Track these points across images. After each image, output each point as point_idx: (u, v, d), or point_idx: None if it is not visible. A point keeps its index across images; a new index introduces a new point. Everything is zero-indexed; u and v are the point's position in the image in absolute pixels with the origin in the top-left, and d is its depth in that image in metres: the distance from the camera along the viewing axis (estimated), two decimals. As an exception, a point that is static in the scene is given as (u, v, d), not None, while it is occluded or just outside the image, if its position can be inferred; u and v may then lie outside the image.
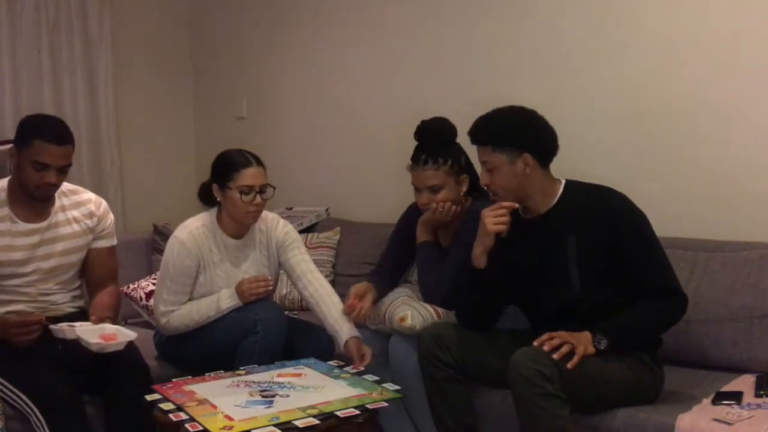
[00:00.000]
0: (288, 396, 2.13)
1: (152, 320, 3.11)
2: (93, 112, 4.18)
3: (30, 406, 2.26)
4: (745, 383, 2.24)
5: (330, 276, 3.46)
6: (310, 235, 3.65)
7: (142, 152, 4.42)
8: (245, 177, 2.56)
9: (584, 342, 2.10)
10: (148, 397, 2.16)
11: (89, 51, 4.15)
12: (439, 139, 2.63)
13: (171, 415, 2.03)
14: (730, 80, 2.60)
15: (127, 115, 4.36)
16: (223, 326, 2.59)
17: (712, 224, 2.64)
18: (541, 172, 2.27)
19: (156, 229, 3.87)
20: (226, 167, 2.59)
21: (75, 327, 2.32)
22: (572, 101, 2.92)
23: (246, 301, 2.59)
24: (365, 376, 2.30)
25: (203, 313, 2.60)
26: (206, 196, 2.68)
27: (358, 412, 2.03)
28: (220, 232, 2.65)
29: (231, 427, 1.91)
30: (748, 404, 2.05)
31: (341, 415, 1.99)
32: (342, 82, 3.83)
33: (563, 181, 2.31)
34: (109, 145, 4.24)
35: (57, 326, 2.34)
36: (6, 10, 3.86)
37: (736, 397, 2.10)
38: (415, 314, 2.50)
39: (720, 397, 2.11)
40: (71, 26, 4.07)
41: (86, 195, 2.67)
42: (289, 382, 2.24)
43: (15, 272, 2.48)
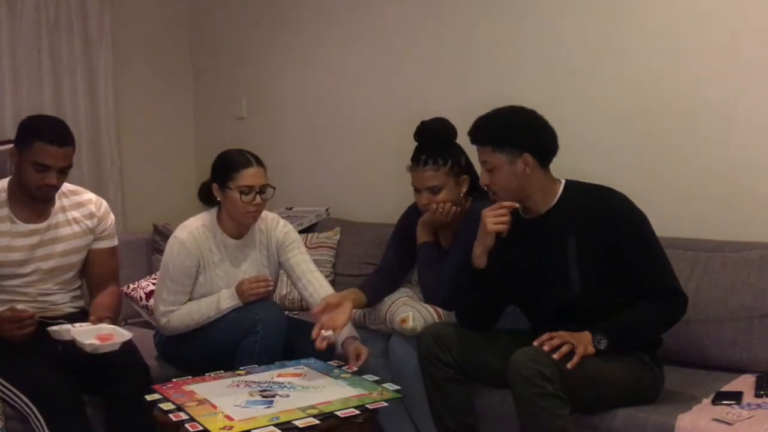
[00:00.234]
0: (288, 396, 2.12)
1: (152, 320, 3.11)
2: (93, 112, 4.18)
3: (30, 406, 2.26)
4: (745, 383, 2.24)
5: (330, 276, 3.46)
6: (310, 235, 3.64)
7: (142, 152, 4.41)
8: (245, 177, 2.56)
9: (584, 342, 2.10)
10: (148, 397, 2.16)
11: (89, 51, 4.14)
12: (439, 140, 2.62)
13: (171, 415, 2.03)
14: (730, 80, 2.60)
15: (127, 115, 4.35)
16: (223, 326, 2.59)
17: (712, 224, 2.64)
18: (541, 172, 2.27)
19: (156, 229, 3.88)
20: (227, 167, 2.59)
21: (71, 328, 2.32)
22: (572, 101, 2.92)
23: (246, 301, 2.59)
24: (365, 376, 2.29)
25: (203, 313, 2.60)
26: (206, 196, 2.68)
27: (358, 412, 2.02)
28: (220, 232, 2.65)
29: (231, 427, 1.91)
30: (748, 404, 2.05)
31: (341, 415, 1.99)
32: (342, 82, 3.83)
33: (563, 181, 2.31)
34: (109, 145, 4.24)
35: (53, 328, 2.34)
36: (6, 10, 3.86)
37: (736, 397, 2.10)
38: (417, 315, 2.49)
39: (720, 397, 2.10)
40: (71, 26, 4.07)
41: (87, 195, 2.67)
42: (289, 382, 2.24)
43: (14, 272, 2.48)
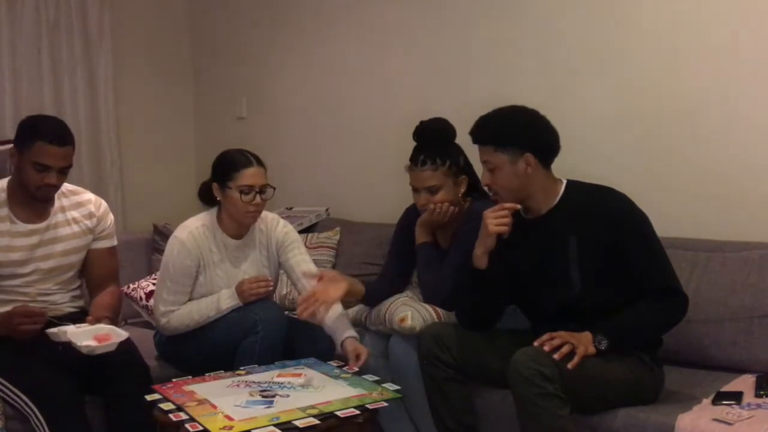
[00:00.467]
0: (288, 396, 2.12)
1: (152, 320, 3.11)
2: (93, 112, 4.18)
3: (30, 406, 2.26)
4: (745, 383, 2.24)
5: (330, 276, 3.46)
6: (310, 235, 3.64)
7: (142, 152, 4.41)
8: (245, 177, 2.56)
9: (585, 342, 2.10)
10: (148, 397, 2.16)
11: (89, 51, 4.14)
12: (438, 140, 2.62)
13: (171, 415, 2.03)
14: (730, 80, 2.60)
15: (127, 115, 4.35)
16: (223, 326, 2.59)
17: (712, 224, 2.64)
18: (542, 173, 2.27)
19: (156, 229, 3.88)
20: (227, 167, 2.59)
21: (68, 330, 2.32)
22: (572, 101, 2.91)
23: (246, 301, 2.59)
24: (365, 376, 2.30)
25: (203, 313, 2.60)
26: (206, 196, 2.68)
27: (358, 412, 2.03)
28: (220, 232, 2.65)
29: (231, 427, 1.91)
30: (748, 404, 2.05)
31: (341, 415, 1.99)
32: (342, 82, 3.83)
33: (564, 181, 2.31)
34: (109, 145, 4.24)
35: (51, 330, 2.33)
36: (6, 10, 3.86)
37: (736, 397, 2.10)
38: (416, 315, 2.49)
39: (720, 397, 2.10)
40: (71, 26, 4.07)
41: (86, 196, 2.67)
42: (289, 382, 2.24)
43: (14, 272, 2.48)
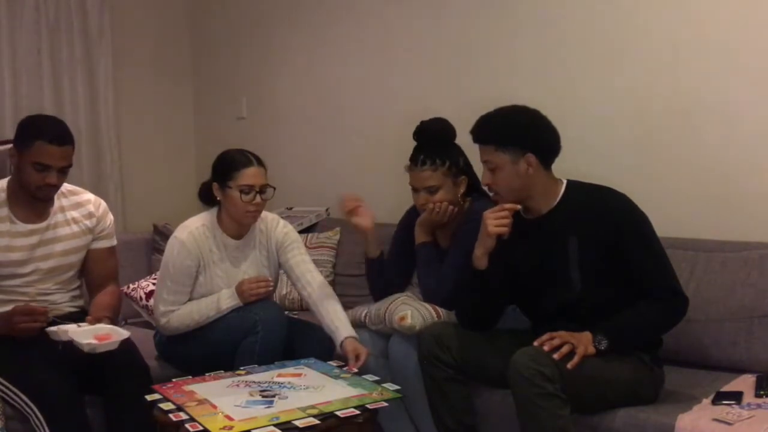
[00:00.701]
0: (288, 396, 2.12)
1: (152, 320, 3.11)
2: (93, 112, 4.17)
3: (30, 406, 2.26)
4: (745, 383, 2.24)
5: (330, 276, 3.46)
6: (310, 235, 3.64)
7: (142, 152, 4.41)
8: (246, 176, 2.56)
9: (584, 342, 2.10)
10: (148, 397, 2.16)
11: (89, 51, 4.14)
12: (438, 140, 2.62)
13: (171, 415, 2.03)
14: (730, 80, 2.60)
15: (127, 115, 4.35)
16: (223, 326, 2.59)
17: (712, 224, 2.64)
18: (543, 173, 2.26)
19: (156, 229, 3.87)
20: (227, 166, 2.59)
21: (69, 329, 2.32)
22: (572, 101, 2.91)
23: (246, 302, 2.60)
24: (365, 376, 2.30)
25: (203, 313, 2.60)
26: (206, 196, 2.68)
27: (358, 412, 2.02)
28: (220, 232, 2.65)
29: (231, 427, 1.91)
30: (748, 404, 2.05)
31: (341, 415, 1.99)
32: (342, 82, 3.83)
33: (565, 182, 2.31)
34: (109, 145, 4.23)
35: (51, 328, 2.34)
36: (6, 10, 3.86)
37: (736, 397, 2.10)
38: (415, 314, 2.49)
39: (720, 397, 2.10)
40: (71, 26, 4.07)
41: (86, 196, 2.67)
42: (289, 382, 2.24)
43: (14, 272, 2.48)
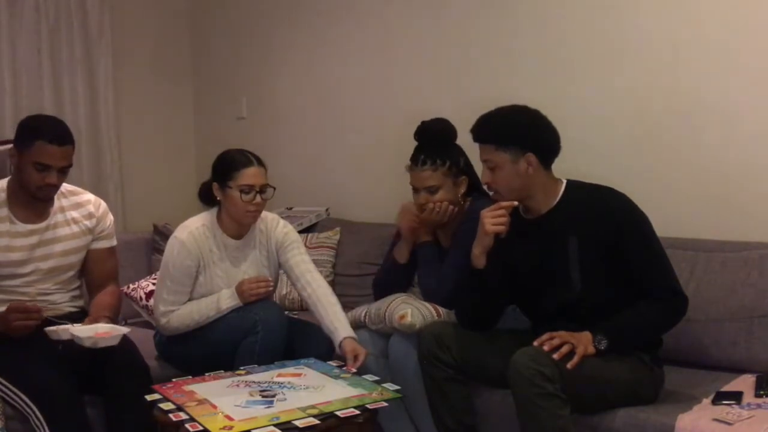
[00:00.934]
0: (288, 396, 2.12)
1: (152, 320, 3.11)
2: (93, 112, 4.17)
3: (30, 406, 2.26)
4: (745, 383, 2.24)
5: (330, 276, 3.46)
6: (310, 235, 3.64)
7: (142, 152, 4.41)
8: (246, 176, 2.56)
9: (584, 342, 2.10)
10: (148, 397, 2.16)
11: (89, 51, 4.14)
12: (439, 140, 2.63)
13: (171, 415, 2.02)
14: (730, 80, 2.60)
15: (127, 114, 4.35)
16: (223, 326, 2.59)
17: (712, 224, 2.64)
18: (543, 173, 2.26)
19: (156, 229, 3.87)
20: (227, 166, 2.59)
21: (69, 327, 2.32)
22: (572, 101, 2.91)
23: (246, 302, 2.60)
24: (365, 376, 2.29)
25: (203, 313, 2.60)
26: (206, 196, 2.68)
27: (358, 412, 2.02)
28: (220, 232, 2.65)
29: (231, 427, 1.90)
30: (748, 404, 2.05)
31: (341, 415, 1.99)
32: (342, 83, 3.83)
33: (564, 181, 2.31)
34: (109, 145, 4.23)
35: (51, 328, 2.34)
36: (6, 10, 3.86)
37: (736, 397, 2.10)
38: (415, 312, 2.49)
39: (720, 397, 2.10)
40: (71, 26, 4.07)
41: (86, 196, 2.67)
42: (289, 382, 2.24)
43: (14, 272, 2.48)
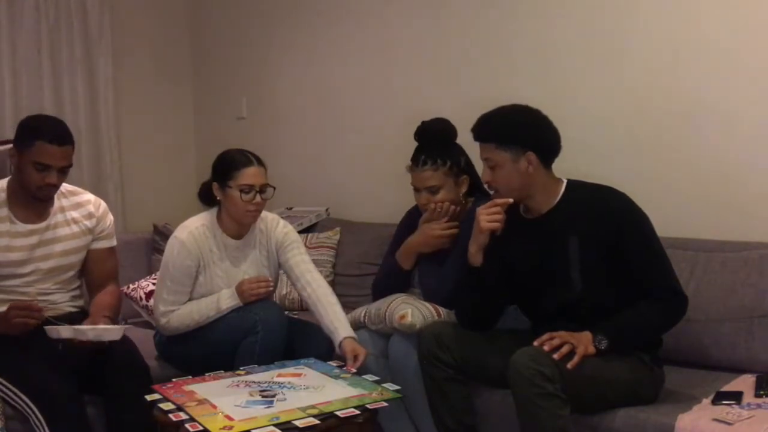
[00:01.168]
0: (288, 396, 2.12)
1: (152, 320, 3.11)
2: (93, 112, 4.17)
3: (30, 406, 2.26)
4: (745, 383, 2.24)
5: (330, 276, 3.46)
6: (310, 235, 3.64)
7: (142, 152, 4.41)
8: (246, 176, 2.56)
9: (584, 342, 2.10)
10: (148, 397, 2.16)
11: (89, 51, 4.14)
12: (439, 140, 2.63)
13: (171, 415, 2.02)
14: (729, 80, 2.60)
15: (127, 114, 4.35)
16: (223, 326, 2.59)
17: (712, 224, 2.64)
18: (543, 172, 2.26)
19: (156, 229, 3.87)
20: (227, 166, 2.59)
21: (69, 326, 2.32)
22: (572, 101, 2.91)
23: (246, 302, 2.59)
24: (365, 376, 2.29)
25: (203, 313, 2.60)
26: (206, 196, 2.68)
27: (358, 412, 2.02)
28: (220, 232, 2.65)
29: (231, 427, 1.90)
30: (748, 404, 2.05)
31: (341, 415, 1.99)
32: (342, 82, 3.83)
33: (565, 181, 2.31)
34: (109, 145, 4.23)
35: (51, 327, 2.34)
36: (6, 10, 3.86)
37: (736, 397, 2.10)
38: (416, 312, 2.49)
39: (720, 397, 2.10)
40: (71, 26, 4.07)
41: (86, 196, 2.67)
42: (289, 382, 2.24)
43: (13, 272, 2.48)
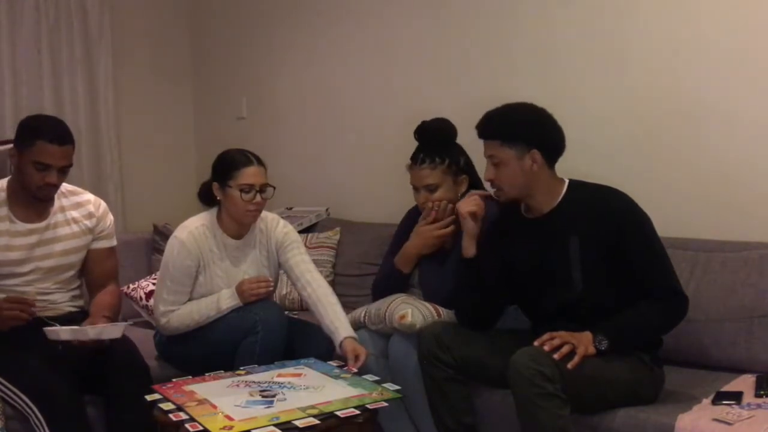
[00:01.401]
0: (288, 396, 2.12)
1: (152, 320, 3.11)
2: (93, 112, 4.17)
3: (30, 406, 2.26)
4: (745, 383, 2.24)
5: (330, 276, 3.46)
6: (310, 235, 3.64)
7: (142, 152, 4.41)
8: (246, 175, 2.56)
9: (585, 342, 2.10)
10: (148, 397, 2.16)
11: (89, 51, 4.14)
12: (438, 139, 2.63)
13: (171, 415, 2.02)
14: (730, 80, 2.60)
15: (127, 114, 4.35)
16: (223, 326, 2.59)
17: (712, 224, 2.64)
18: (547, 171, 2.27)
19: (156, 229, 3.87)
20: (227, 166, 2.59)
21: (67, 328, 2.32)
22: (573, 101, 2.91)
23: (246, 302, 2.60)
24: (365, 376, 2.29)
25: (203, 313, 2.60)
26: (206, 196, 2.68)
27: (358, 412, 2.02)
28: (220, 232, 2.65)
29: (231, 427, 1.90)
30: (748, 404, 2.05)
31: (341, 415, 1.99)
32: (342, 82, 3.83)
33: (567, 181, 2.31)
34: (109, 145, 4.23)
35: (50, 328, 2.34)
36: (6, 10, 3.86)
37: (736, 397, 2.10)
38: (416, 312, 2.49)
39: (720, 397, 2.10)
40: (71, 26, 4.07)
41: (86, 196, 2.68)
42: (289, 382, 2.24)
43: (13, 272, 2.48)
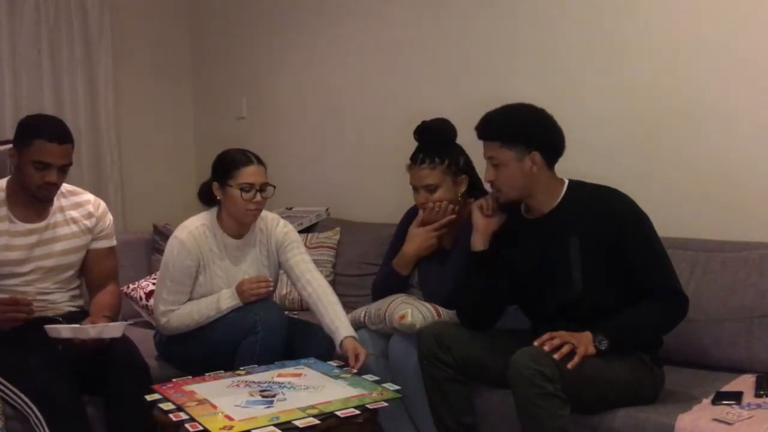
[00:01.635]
0: (288, 396, 2.12)
1: (152, 320, 3.11)
2: (93, 112, 4.18)
3: (30, 406, 2.26)
4: (745, 383, 2.24)
5: (330, 276, 3.46)
6: (310, 235, 3.64)
7: (142, 152, 4.41)
8: (246, 175, 2.56)
9: (585, 342, 2.10)
10: (148, 397, 2.16)
11: (89, 51, 4.14)
12: (438, 139, 2.63)
13: (171, 415, 2.02)
14: (730, 80, 2.59)
15: (127, 114, 4.35)
16: (223, 326, 2.59)
17: (712, 224, 2.64)
18: (547, 172, 2.27)
19: (156, 229, 3.87)
20: (227, 165, 2.60)
21: (69, 325, 2.32)
22: (573, 101, 2.91)
23: (246, 302, 2.60)
24: (365, 376, 2.29)
25: (203, 313, 2.60)
26: (206, 196, 2.68)
27: (358, 412, 2.02)
28: (220, 231, 2.65)
29: (231, 427, 1.90)
30: (748, 404, 2.05)
31: (341, 415, 1.99)
32: (342, 83, 3.83)
33: (566, 181, 2.31)
34: (109, 145, 4.23)
35: (51, 326, 2.34)
36: (6, 10, 3.86)
37: (736, 397, 2.09)
38: (415, 312, 2.49)
39: (720, 397, 2.10)
40: (71, 26, 4.07)
41: (85, 196, 2.68)
42: (289, 382, 2.24)
43: (12, 272, 2.48)
